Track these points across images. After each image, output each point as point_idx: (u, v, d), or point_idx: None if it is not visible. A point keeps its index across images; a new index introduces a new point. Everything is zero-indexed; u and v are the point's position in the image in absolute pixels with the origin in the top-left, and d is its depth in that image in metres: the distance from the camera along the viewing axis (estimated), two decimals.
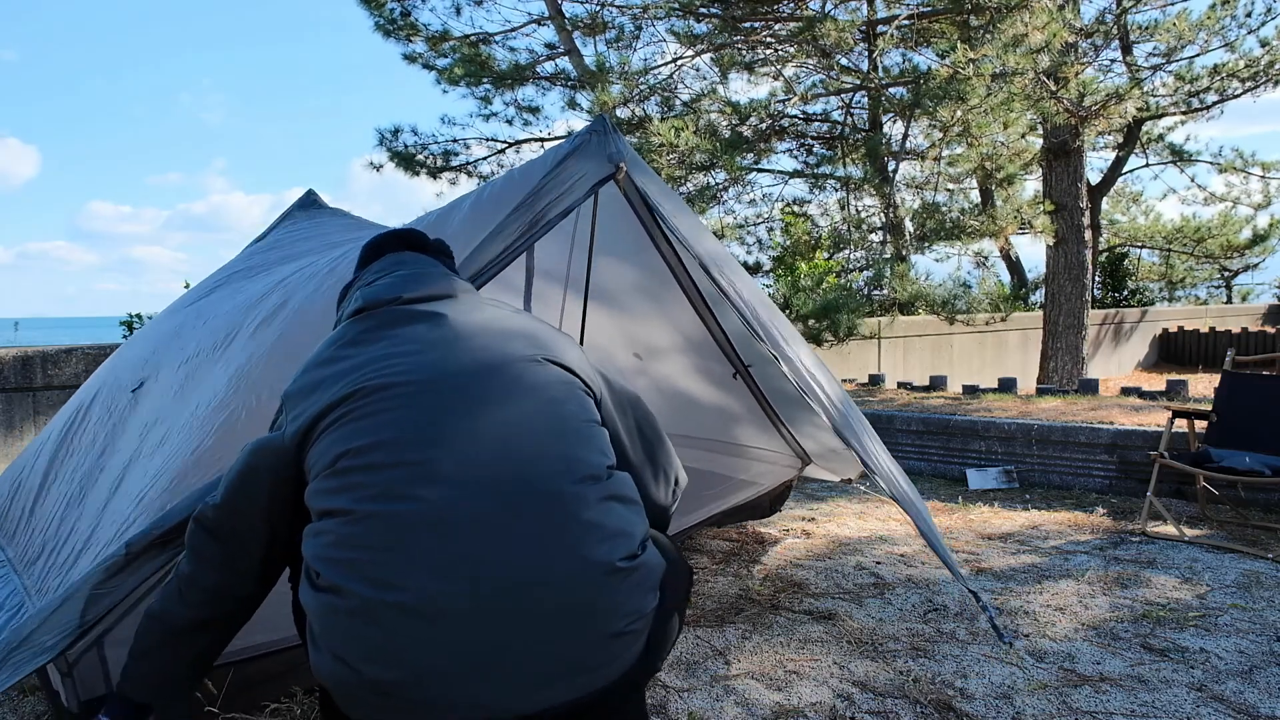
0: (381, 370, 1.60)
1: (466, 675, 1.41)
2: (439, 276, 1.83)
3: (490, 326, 1.72)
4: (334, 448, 1.55)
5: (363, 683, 1.42)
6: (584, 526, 1.50)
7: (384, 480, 1.49)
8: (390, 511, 1.46)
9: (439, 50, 10.16)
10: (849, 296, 7.64)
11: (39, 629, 1.82)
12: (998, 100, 6.99)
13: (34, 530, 2.65)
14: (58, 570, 2.28)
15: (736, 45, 8.85)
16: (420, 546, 1.44)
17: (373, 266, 1.89)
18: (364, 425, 1.54)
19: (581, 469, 1.56)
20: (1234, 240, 17.65)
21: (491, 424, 1.55)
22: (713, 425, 4.07)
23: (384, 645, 1.41)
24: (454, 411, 1.55)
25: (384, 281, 1.80)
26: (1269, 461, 3.92)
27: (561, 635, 1.44)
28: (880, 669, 2.56)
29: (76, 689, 2.09)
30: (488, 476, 1.49)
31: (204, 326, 2.90)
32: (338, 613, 1.44)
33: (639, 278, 3.59)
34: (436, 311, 1.72)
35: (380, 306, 1.74)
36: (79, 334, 39.34)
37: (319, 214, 4.16)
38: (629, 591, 1.51)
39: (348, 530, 1.47)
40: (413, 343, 1.65)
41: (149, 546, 1.85)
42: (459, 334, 1.67)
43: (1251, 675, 2.49)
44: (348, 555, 1.46)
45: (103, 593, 1.84)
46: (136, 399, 2.83)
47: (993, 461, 5.38)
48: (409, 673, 1.40)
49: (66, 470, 2.81)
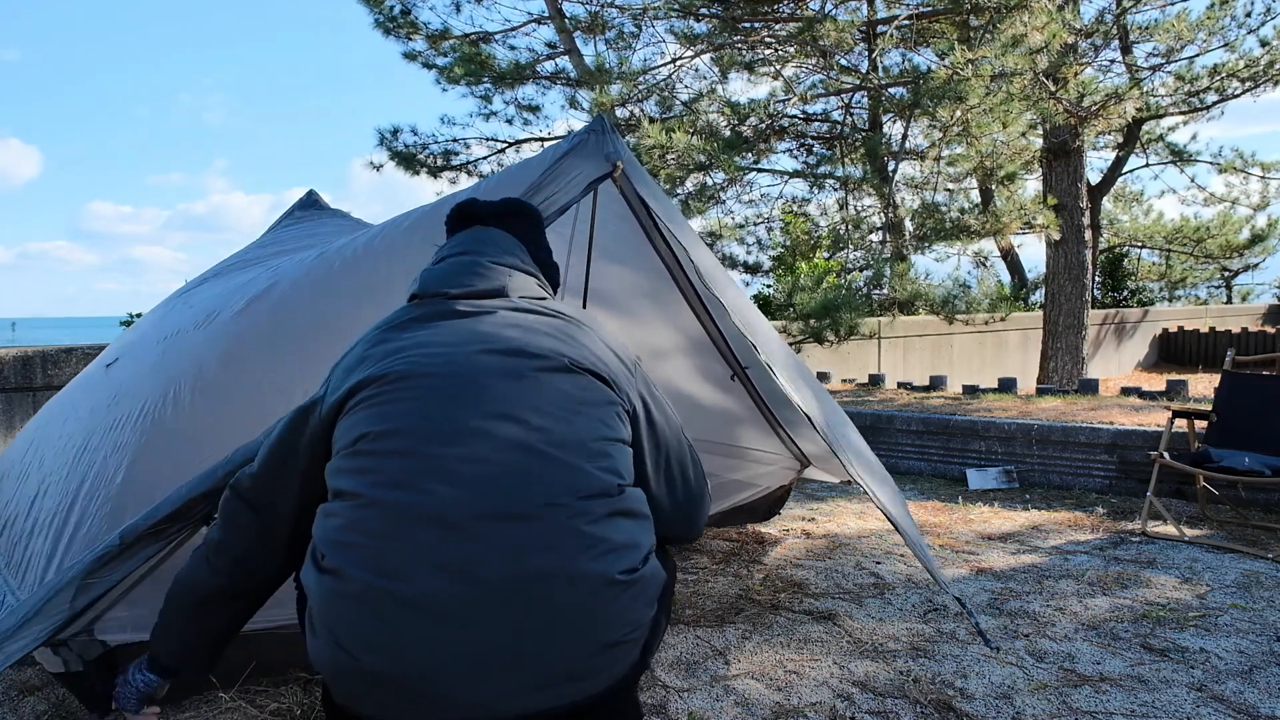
0: (412, 358, 1.61)
1: (465, 674, 1.41)
2: (499, 269, 1.82)
3: (532, 328, 1.70)
4: (356, 428, 1.56)
5: (360, 671, 1.43)
6: (587, 539, 1.49)
7: (397, 469, 1.49)
8: (400, 501, 1.47)
9: (439, 48, 10.16)
10: (850, 296, 7.63)
11: (33, 619, 1.84)
12: (997, 100, 6.99)
13: (4, 509, 2.69)
14: (21, 542, 2.34)
15: (736, 45, 8.85)
16: (425, 540, 1.44)
17: (450, 241, 1.91)
18: (386, 410, 1.55)
19: (593, 483, 1.54)
20: (1234, 240, 17.66)
21: (509, 428, 1.54)
22: (713, 427, 4.07)
23: (382, 635, 1.41)
24: (475, 410, 1.55)
25: (442, 268, 1.81)
26: (1269, 461, 3.92)
27: (558, 641, 1.44)
28: (880, 669, 2.55)
29: (76, 652, 2.13)
30: (498, 479, 1.49)
31: (187, 310, 2.91)
32: (338, 596, 1.45)
33: (639, 280, 3.59)
34: (480, 310, 1.72)
35: (429, 297, 1.77)
36: (79, 334, 39.36)
37: (319, 214, 4.16)
38: (628, 603, 1.51)
39: (357, 514, 1.48)
40: (449, 335, 1.66)
41: (141, 536, 1.87)
42: (494, 334, 1.67)
43: (1251, 675, 2.48)
44: (353, 539, 1.46)
45: (94, 581, 1.87)
46: (110, 373, 2.85)
47: (993, 461, 5.38)
48: (407, 666, 1.41)
49: (36, 450, 2.85)
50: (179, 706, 2.30)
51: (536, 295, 1.82)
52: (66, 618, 1.85)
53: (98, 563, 1.86)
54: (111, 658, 2.18)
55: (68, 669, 2.12)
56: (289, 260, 2.93)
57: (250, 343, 2.42)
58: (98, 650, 2.14)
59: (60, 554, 2.17)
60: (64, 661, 2.11)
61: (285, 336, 2.40)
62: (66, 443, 2.63)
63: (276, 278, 2.63)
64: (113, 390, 2.66)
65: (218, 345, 2.45)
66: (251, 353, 2.39)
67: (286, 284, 2.56)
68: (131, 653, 2.21)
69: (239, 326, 2.47)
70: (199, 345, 2.50)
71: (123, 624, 2.18)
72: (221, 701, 2.31)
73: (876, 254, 9.12)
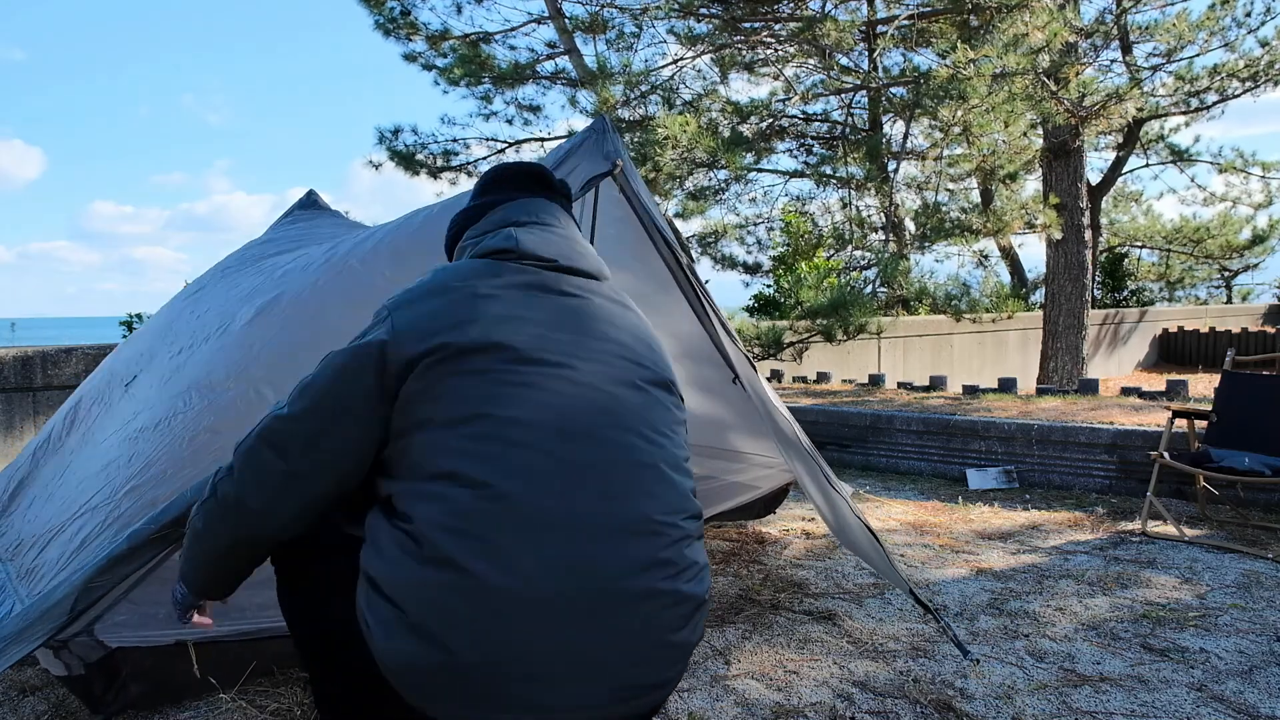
0: (534, 336, 1.50)
1: (569, 678, 1.38)
2: (590, 251, 1.72)
3: (636, 331, 1.66)
4: (467, 405, 1.42)
5: (463, 669, 1.34)
6: (688, 561, 1.51)
7: (530, 464, 1.41)
8: (529, 496, 1.39)
9: (439, 49, 10.16)
10: (856, 294, 7.63)
11: (37, 621, 1.84)
12: (998, 100, 6.99)
13: (21, 521, 2.69)
14: (35, 551, 2.33)
15: (736, 45, 8.86)
16: (553, 542, 1.39)
17: (519, 204, 1.70)
18: (514, 395, 1.44)
19: (692, 506, 1.57)
20: (1234, 240, 17.68)
21: (638, 443, 1.52)
22: (710, 431, 4.07)
23: (500, 633, 1.34)
24: (608, 420, 1.50)
25: (539, 234, 1.64)
26: (1269, 461, 3.92)
27: (653, 656, 1.45)
28: (880, 669, 2.55)
29: (77, 654, 2.12)
30: (628, 494, 1.47)
31: (196, 320, 2.91)
32: (451, 590, 1.34)
33: (637, 283, 3.59)
34: (586, 292, 1.63)
35: (534, 261, 1.60)
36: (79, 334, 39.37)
37: (318, 215, 4.16)
38: (698, 624, 1.54)
39: (479, 505, 1.37)
40: (570, 321, 1.56)
41: (148, 540, 1.87)
42: (614, 333, 1.61)
43: (1251, 675, 2.48)
44: (478, 531, 1.36)
45: (98, 585, 1.87)
46: (129, 391, 2.85)
47: (993, 461, 5.38)
48: (517, 664, 1.36)
49: (53, 463, 2.85)
50: (179, 706, 2.30)
51: (618, 290, 1.75)
52: (68, 618, 1.86)
53: (107, 564, 1.87)
54: (113, 660, 2.18)
55: (70, 672, 2.12)
56: (292, 262, 2.92)
57: (261, 353, 2.40)
58: (99, 653, 2.15)
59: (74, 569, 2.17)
60: (65, 665, 2.11)
61: (296, 345, 2.39)
62: (86, 459, 2.62)
63: (284, 286, 2.64)
64: (133, 408, 2.67)
65: (229, 355, 2.45)
66: (262, 363, 2.38)
67: (294, 292, 2.56)
68: (133, 654, 2.22)
69: (249, 337, 2.47)
70: (210, 357, 2.51)
71: (124, 625, 2.18)
72: (221, 701, 2.31)
73: (880, 252, 9.12)
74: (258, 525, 1.49)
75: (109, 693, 2.20)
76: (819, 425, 6.14)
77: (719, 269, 12.03)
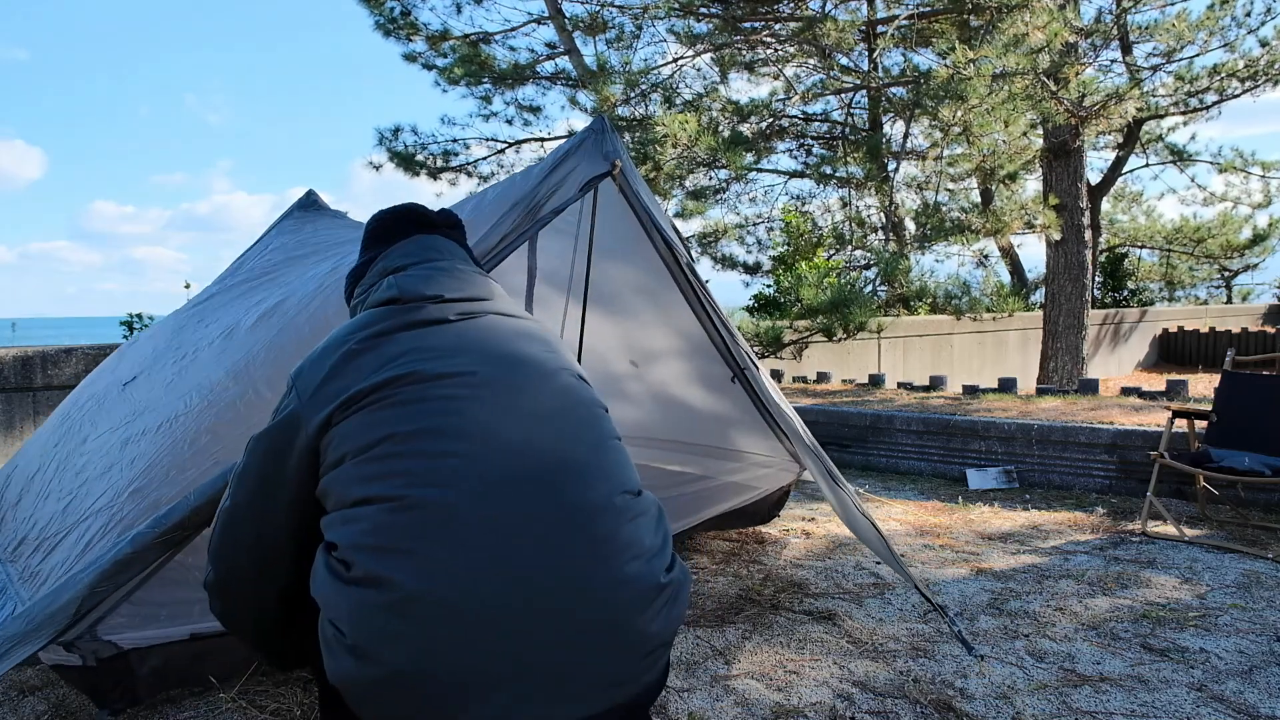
0: (430, 359, 1.55)
1: (509, 679, 1.36)
2: (476, 276, 1.78)
3: (531, 334, 1.70)
4: (373, 431, 1.47)
5: (400, 682, 1.35)
6: (625, 541, 1.48)
7: (434, 469, 1.43)
8: (443, 502, 1.40)
9: (439, 49, 10.16)
10: (857, 292, 7.63)
11: (44, 623, 1.85)
12: (998, 100, 6.99)
13: (19, 520, 2.69)
14: (40, 555, 2.34)
15: (736, 45, 8.86)
16: (471, 542, 1.38)
17: (397, 249, 1.79)
18: (411, 411, 1.48)
19: (625, 484, 1.55)
20: (1234, 240, 17.68)
21: (546, 431, 1.53)
22: (710, 430, 4.06)
23: (429, 642, 1.35)
24: (511, 412, 1.52)
25: (420, 272, 1.72)
26: (1269, 461, 3.92)
27: (601, 647, 1.42)
28: (880, 669, 2.56)
29: (81, 653, 2.13)
30: (541, 480, 1.46)
31: (202, 326, 2.94)
32: (376, 607, 1.36)
33: (638, 279, 3.59)
34: (483, 312, 1.69)
35: (419, 301, 1.67)
36: (79, 334, 39.38)
37: (318, 215, 4.16)
38: (664, 606, 1.49)
39: (393, 519, 1.40)
40: (456, 340, 1.61)
41: (151, 544, 1.88)
42: (505, 339, 1.65)
43: (1251, 675, 2.49)
44: (393, 543, 1.38)
45: (102, 589, 1.88)
46: (127, 392, 2.86)
47: (993, 461, 5.38)
48: (452, 673, 1.35)
49: (53, 462, 2.85)
50: (179, 706, 2.30)
51: (510, 305, 1.81)
52: (71, 621, 1.86)
53: (111, 568, 1.87)
54: (125, 660, 2.19)
55: (84, 662, 2.13)
56: (300, 275, 2.95)
57: (260, 353, 2.42)
58: (110, 651, 2.15)
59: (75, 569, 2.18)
60: (80, 655, 2.12)
61: (299, 344, 2.40)
62: (87, 460, 2.62)
63: (288, 293, 2.65)
64: (131, 407, 2.68)
65: (230, 357, 2.47)
66: (262, 362, 2.39)
67: (297, 299, 2.57)
68: (138, 653, 2.22)
69: (250, 338, 2.49)
70: (212, 359, 2.53)
71: (126, 624, 2.18)
72: (221, 701, 2.31)
73: (881, 252, 9.12)
74: (257, 598, 1.63)
75: (116, 690, 2.21)
76: (819, 425, 6.14)
77: (719, 269, 12.04)
